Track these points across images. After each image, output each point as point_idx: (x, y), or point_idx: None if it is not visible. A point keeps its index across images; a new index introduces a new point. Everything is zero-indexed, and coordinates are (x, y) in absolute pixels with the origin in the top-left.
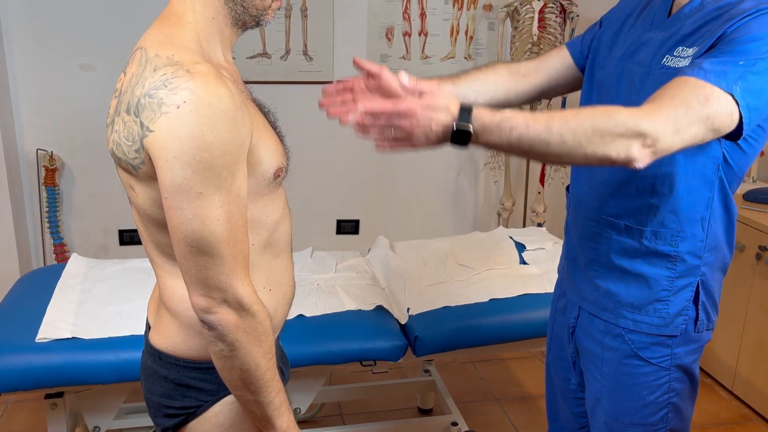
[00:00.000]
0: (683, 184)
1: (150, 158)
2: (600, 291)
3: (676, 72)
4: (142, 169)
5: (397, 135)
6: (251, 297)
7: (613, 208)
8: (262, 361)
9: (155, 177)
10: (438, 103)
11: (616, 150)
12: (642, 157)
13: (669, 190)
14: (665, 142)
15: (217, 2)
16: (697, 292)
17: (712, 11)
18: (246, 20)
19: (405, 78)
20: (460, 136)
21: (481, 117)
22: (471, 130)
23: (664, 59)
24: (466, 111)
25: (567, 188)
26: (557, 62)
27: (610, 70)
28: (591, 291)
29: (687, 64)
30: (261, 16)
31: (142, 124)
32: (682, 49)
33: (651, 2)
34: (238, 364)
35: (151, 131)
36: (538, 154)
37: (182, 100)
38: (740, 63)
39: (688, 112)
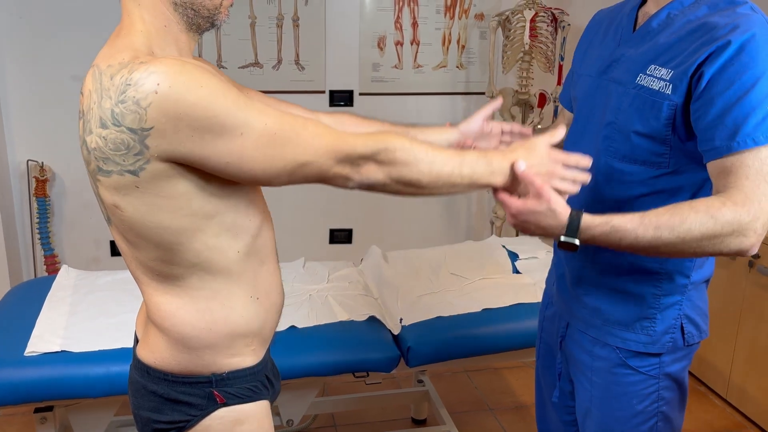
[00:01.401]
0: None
1: (157, 156)
2: (588, 308)
3: (652, 94)
4: (147, 170)
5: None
6: (361, 141)
7: None
8: (422, 166)
9: (166, 173)
10: (542, 210)
11: (728, 247)
12: (753, 245)
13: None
14: (765, 223)
15: (166, 11)
16: (684, 310)
17: (683, 26)
18: (200, 23)
19: (522, 165)
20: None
21: (590, 229)
22: (577, 243)
23: (638, 78)
24: (575, 223)
25: None
26: (567, 125)
27: (585, 86)
28: (579, 308)
29: (669, 92)
30: (214, 17)
31: (132, 129)
32: (655, 68)
33: (617, 16)
34: (415, 184)
35: (149, 128)
36: (646, 254)
37: (155, 83)
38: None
39: None
